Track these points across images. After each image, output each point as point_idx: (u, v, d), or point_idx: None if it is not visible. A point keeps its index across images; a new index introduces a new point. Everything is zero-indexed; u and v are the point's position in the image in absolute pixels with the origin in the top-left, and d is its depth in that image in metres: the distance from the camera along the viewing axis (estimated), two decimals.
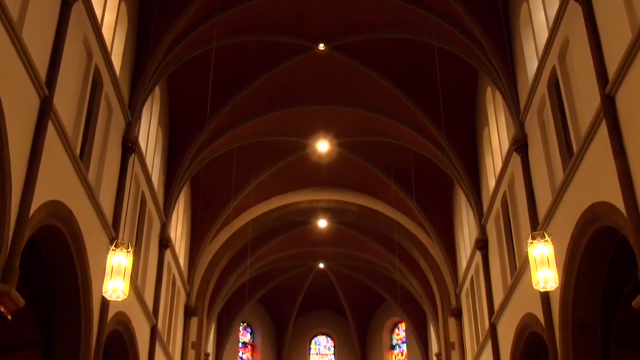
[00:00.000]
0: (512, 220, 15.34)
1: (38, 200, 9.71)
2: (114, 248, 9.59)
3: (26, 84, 9.44)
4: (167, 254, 17.98)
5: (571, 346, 11.47)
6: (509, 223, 15.69)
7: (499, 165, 16.14)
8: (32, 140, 9.66)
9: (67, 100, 11.01)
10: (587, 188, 10.70)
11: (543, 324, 12.62)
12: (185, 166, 18.39)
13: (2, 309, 8.67)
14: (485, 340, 17.29)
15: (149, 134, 16.46)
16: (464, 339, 20.14)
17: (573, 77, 11.45)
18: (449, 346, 20.65)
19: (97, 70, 12.52)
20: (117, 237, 12.68)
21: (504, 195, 15.83)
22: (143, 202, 16.09)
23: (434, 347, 23.69)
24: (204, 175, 19.72)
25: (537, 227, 12.65)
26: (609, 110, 9.62)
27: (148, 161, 16.28)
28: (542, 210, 12.94)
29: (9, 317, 8.84)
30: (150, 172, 16.44)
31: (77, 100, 11.68)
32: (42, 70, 9.92)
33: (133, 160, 14.35)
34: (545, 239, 9.60)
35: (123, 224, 13.37)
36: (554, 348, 12.06)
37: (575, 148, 11.25)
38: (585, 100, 10.76)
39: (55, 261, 11.36)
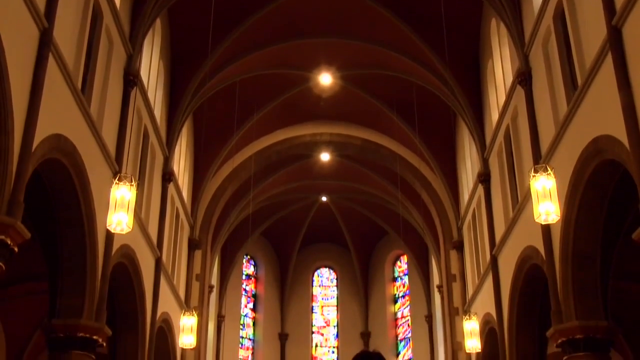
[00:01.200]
0: (515, 154, 15.34)
1: (40, 134, 9.71)
2: (117, 181, 9.64)
3: (25, 16, 9.32)
4: (171, 188, 18.07)
5: (571, 278, 11.62)
6: (512, 156, 15.68)
7: (502, 98, 16.04)
8: (33, 73, 9.59)
9: (67, 33, 10.88)
10: (590, 121, 10.65)
11: (544, 256, 12.76)
12: (188, 100, 18.31)
13: (9, 242, 8.78)
14: (486, 273, 17.51)
15: (151, 67, 16.33)
16: (465, 271, 20.38)
17: (579, 8, 11.26)
18: (450, 278, 20.91)
19: (96, 1, 12.33)
20: (120, 171, 12.71)
21: (507, 129, 15.78)
22: (145, 136, 16.07)
23: (436, 279, 24.00)
24: (207, 109, 19.65)
25: (540, 160, 12.65)
26: (615, 42, 9.49)
27: (150, 95, 16.20)
28: (544, 143, 12.91)
29: (16, 249, 8.96)
30: (152, 105, 16.38)
31: (77, 33, 11.54)
32: (41, 1, 9.77)
33: (135, 93, 14.29)
34: (548, 172, 9.64)
35: (126, 157, 13.39)
36: (553, 280, 12.22)
37: (579, 81, 11.15)
38: (591, 32, 10.61)
39: (59, 195, 11.43)
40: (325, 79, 20.29)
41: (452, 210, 21.23)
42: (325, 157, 23.72)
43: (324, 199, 27.26)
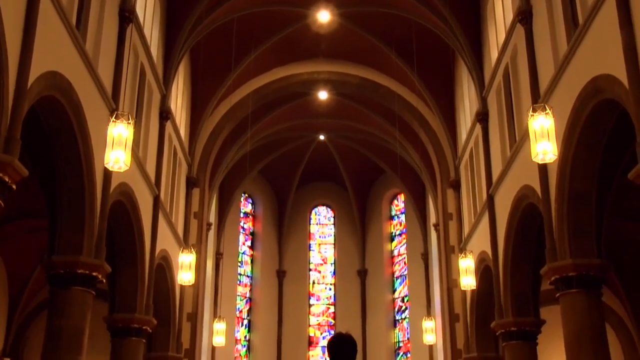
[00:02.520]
0: (514, 93, 15.28)
1: (36, 71, 9.64)
2: (114, 119, 9.60)
3: None
4: (168, 126, 18.02)
5: (566, 217, 11.72)
6: (510, 96, 15.62)
7: (502, 37, 15.87)
8: (26, 9, 9.45)
9: None
10: (590, 60, 10.58)
11: (540, 195, 12.83)
12: (184, 37, 18.10)
13: (6, 179, 8.81)
14: (482, 211, 17.63)
15: (146, 3, 16.09)
16: (461, 210, 20.52)
17: None
18: (446, 217, 21.06)
19: None
20: (117, 109, 12.66)
21: (506, 68, 15.68)
22: (142, 74, 15.95)
23: (432, 218, 24.17)
24: (204, 47, 19.44)
25: (539, 99, 12.60)
26: None
27: (146, 32, 16.00)
28: (543, 82, 12.85)
29: (14, 186, 8.99)
30: (148, 43, 16.20)
31: None
32: None
33: (131, 30, 14.12)
34: (546, 111, 9.62)
35: (123, 95, 13.32)
36: (549, 218, 12.33)
37: (580, 19, 11.03)
38: None
39: (56, 132, 11.42)
40: (324, 16, 20.04)
41: (450, 149, 21.25)
42: (323, 95, 23.61)
43: (321, 137, 27.23)
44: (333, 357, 4.99)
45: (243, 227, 29.55)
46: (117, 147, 9.53)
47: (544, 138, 9.58)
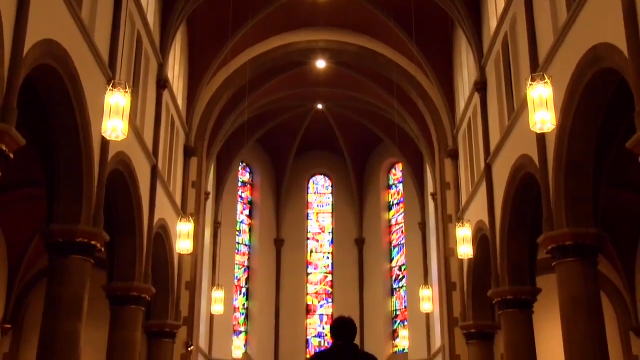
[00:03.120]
0: (512, 62, 15.21)
1: (31, 39, 9.57)
2: (111, 88, 9.57)
3: None
4: (165, 95, 17.95)
5: (563, 186, 11.75)
6: (509, 65, 15.56)
7: (501, 5, 15.77)
8: None
9: None
10: (590, 29, 10.52)
11: (537, 164, 12.85)
12: (181, 5, 17.94)
13: (4, 148, 8.80)
14: (479, 181, 17.66)
15: None
16: (459, 179, 20.54)
17: None
18: (444, 186, 21.10)
19: None
20: (113, 77, 12.59)
21: (505, 36, 15.59)
22: (139, 42, 15.84)
23: (430, 187, 24.21)
24: (201, 15, 19.27)
25: (537, 68, 12.56)
26: None
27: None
28: (542, 51, 12.79)
29: (11, 155, 8.98)
30: (145, 10, 16.07)
31: None
32: None
33: None
34: (545, 80, 9.60)
35: (119, 64, 13.23)
36: (546, 188, 12.36)
37: None
38: None
39: (53, 101, 11.37)
40: None
41: (448, 118, 21.22)
42: (321, 64, 23.50)
43: (319, 106, 27.15)
44: (335, 335, 5.65)
45: (241, 196, 29.60)
46: (114, 116, 9.51)
47: (542, 107, 9.58)
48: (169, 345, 18.87)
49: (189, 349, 19.65)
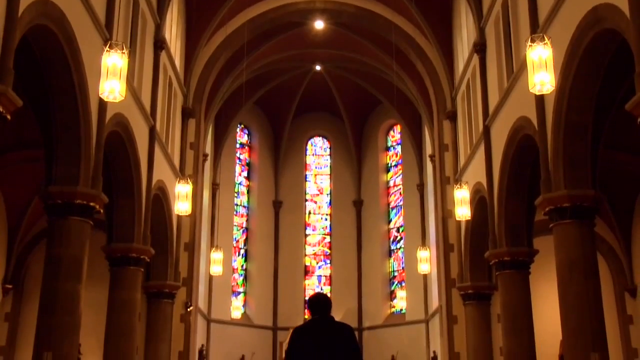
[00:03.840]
0: (512, 23, 15.10)
1: None
2: (108, 49, 9.51)
3: None
4: (163, 56, 17.83)
5: (561, 148, 11.76)
6: (509, 26, 15.44)
7: None
8: None
9: None
10: None
11: (536, 126, 12.83)
12: None
13: (1, 109, 8.76)
14: (478, 143, 17.65)
15: None
16: (457, 141, 20.52)
17: None
18: (442, 148, 21.09)
19: None
20: (110, 38, 12.51)
21: None
22: (136, 3, 15.66)
23: (428, 149, 24.21)
24: None
25: (537, 29, 12.46)
26: None
27: None
28: (542, 12, 12.68)
29: (8, 117, 8.95)
30: None
31: None
32: None
33: None
34: (545, 41, 9.55)
35: (116, 24, 13.12)
36: (544, 150, 12.36)
37: None
38: None
39: (50, 62, 11.29)
40: None
41: (447, 80, 21.12)
42: (319, 25, 23.31)
43: (318, 67, 27.01)
44: (312, 309, 6.29)
45: (239, 158, 29.60)
46: (111, 77, 9.47)
47: (541, 69, 9.54)
48: (168, 306, 19.04)
49: (188, 309, 19.83)
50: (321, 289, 29.52)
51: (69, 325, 11.59)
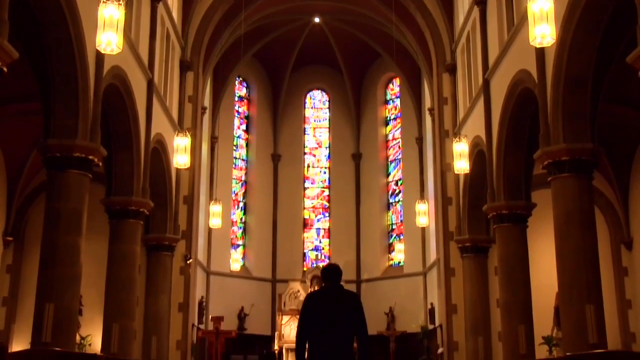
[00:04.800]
0: None
1: None
2: (104, 0, 9.40)
3: None
4: (160, 8, 17.62)
5: (561, 101, 11.73)
6: None
7: None
8: None
9: None
10: None
11: (536, 79, 12.78)
12: None
13: None
14: (477, 96, 17.59)
15: None
16: (457, 94, 20.44)
17: None
18: (441, 101, 21.01)
19: None
20: None
21: None
22: None
23: (427, 102, 24.13)
24: None
25: None
26: None
27: None
28: None
29: (5, 69, 8.89)
30: None
31: None
32: None
33: None
34: None
35: None
36: (544, 103, 12.33)
37: None
38: None
39: (46, 14, 11.16)
40: None
41: (447, 32, 20.92)
42: None
43: (316, 20, 26.75)
44: (325, 278, 7.04)
45: (238, 111, 29.51)
46: (108, 29, 9.40)
47: (542, 21, 9.47)
48: (168, 258, 19.19)
49: (188, 262, 19.99)
50: (320, 242, 29.75)
51: (69, 277, 11.71)
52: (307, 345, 6.89)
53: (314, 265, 28.02)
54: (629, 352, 13.16)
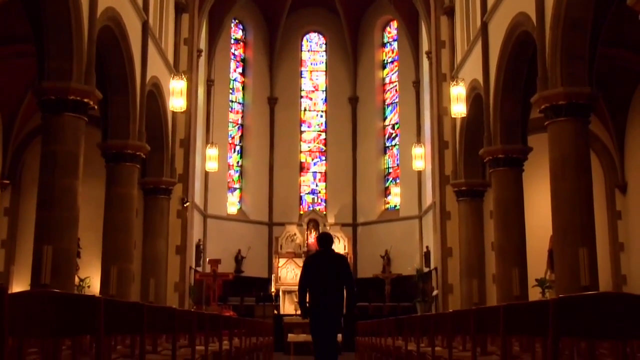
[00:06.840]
0: None
1: None
2: None
3: None
4: None
5: (560, 44, 11.64)
6: None
7: None
8: None
9: None
10: None
11: (535, 22, 12.65)
12: None
13: None
14: (475, 39, 17.43)
15: None
16: (454, 37, 20.26)
17: None
18: (439, 44, 20.84)
19: None
20: None
21: None
22: None
23: (425, 46, 23.91)
24: None
25: None
26: None
27: None
28: None
29: None
30: None
31: None
32: None
33: None
34: None
35: None
36: (542, 46, 12.24)
37: None
38: None
39: None
40: None
41: None
42: None
43: None
44: (319, 244, 9.33)
45: (234, 54, 29.25)
46: None
47: None
48: (165, 201, 19.28)
49: (185, 205, 20.09)
50: (316, 185, 29.85)
51: (67, 220, 11.78)
52: (307, 293, 9.01)
53: (310, 208, 28.17)
54: (619, 294, 13.34)
